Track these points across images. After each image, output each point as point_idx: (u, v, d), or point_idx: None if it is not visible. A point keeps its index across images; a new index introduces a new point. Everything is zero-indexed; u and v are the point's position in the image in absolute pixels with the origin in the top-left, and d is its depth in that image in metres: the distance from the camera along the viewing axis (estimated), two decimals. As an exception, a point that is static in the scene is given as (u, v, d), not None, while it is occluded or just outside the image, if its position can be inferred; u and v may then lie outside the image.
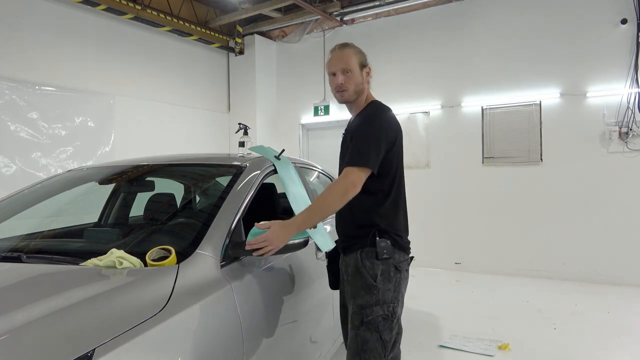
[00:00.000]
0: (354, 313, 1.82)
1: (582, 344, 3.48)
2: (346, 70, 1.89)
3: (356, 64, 1.90)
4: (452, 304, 4.55)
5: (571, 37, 5.45)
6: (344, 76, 1.89)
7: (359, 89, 1.92)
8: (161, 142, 6.26)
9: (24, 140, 4.84)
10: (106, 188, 2.71)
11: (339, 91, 1.92)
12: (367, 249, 1.83)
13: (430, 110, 6.39)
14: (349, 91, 1.91)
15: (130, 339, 1.17)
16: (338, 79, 1.90)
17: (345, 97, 1.93)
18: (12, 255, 1.71)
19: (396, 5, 6.36)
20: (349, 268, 1.89)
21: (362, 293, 1.81)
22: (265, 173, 2.22)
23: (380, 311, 1.79)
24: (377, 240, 1.82)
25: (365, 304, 1.80)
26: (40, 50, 5.03)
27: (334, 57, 1.93)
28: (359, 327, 1.80)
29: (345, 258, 1.93)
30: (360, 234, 1.86)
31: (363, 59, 1.95)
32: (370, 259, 1.82)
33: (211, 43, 7.15)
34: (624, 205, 5.20)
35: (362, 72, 1.92)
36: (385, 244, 1.82)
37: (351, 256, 1.88)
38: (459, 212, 6.18)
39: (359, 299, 1.81)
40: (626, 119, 5.17)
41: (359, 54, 1.94)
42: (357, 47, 1.97)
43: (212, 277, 1.58)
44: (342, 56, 1.91)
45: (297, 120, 7.57)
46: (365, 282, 1.81)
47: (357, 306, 1.82)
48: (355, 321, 1.81)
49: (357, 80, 1.91)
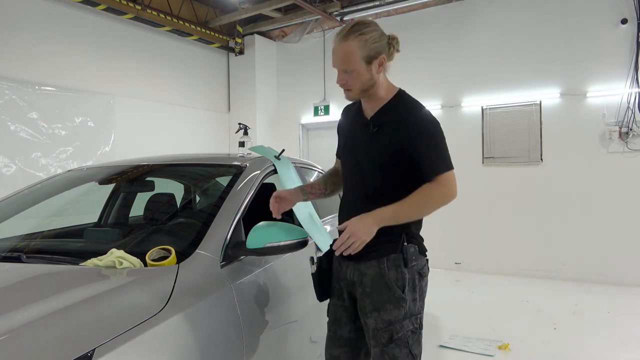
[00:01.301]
0: (380, 329, 1.61)
1: (582, 344, 3.48)
2: (347, 71, 1.59)
3: (360, 61, 1.56)
4: (452, 304, 4.54)
5: (571, 37, 5.45)
6: (345, 75, 1.60)
7: (366, 87, 1.62)
8: (161, 142, 6.26)
9: (24, 140, 4.84)
10: (106, 188, 2.71)
11: (344, 89, 1.66)
12: (394, 255, 1.62)
13: (430, 110, 6.37)
14: (353, 91, 1.63)
15: (130, 339, 1.16)
16: (339, 78, 1.62)
17: (350, 97, 1.67)
18: (12, 255, 1.71)
19: (396, 5, 6.36)
20: (365, 278, 1.65)
21: (390, 307, 1.60)
22: (265, 173, 2.22)
23: (410, 325, 1.62)
24: (405, 246, 1.62)
25: (394, 319, 1.60)
26: (40, 50, 5.03)
27: (334, 51, 1.61)
28: (386, 345, 1.60)
29: (357, 266, 1.68)
30: (386, 240, 1.61)
31: (372, 50, 1.57)
32: (397, 267, 1.61)
33: (211, 43, 7.15)
34: (624, 205, 5.19)
35: (370, 66, 1.58)
36: (413, 249, 1.64)
37: (369, 264, 1.64)
38: (459, 212, 6.16)
39: (386, 314, 1.60)
40: (626, 119, 5.17)
41: (366, 45, 1.55)
42: (366, 32, 1.56)
43: (212, 277, 1.58)
44: (341, 52, 1.58)
45: (297, 120, 7.57)
46: (393, 295, 1.60)
47: (383, 322, 1.60)
48: (382, 338, 1.61)
49: (363, 78, 1.59)
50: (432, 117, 1.68)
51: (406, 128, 1.61)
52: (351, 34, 1.56)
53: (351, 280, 1.71)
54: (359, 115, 1.74)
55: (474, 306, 4.48)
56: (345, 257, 1.67)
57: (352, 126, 1.78)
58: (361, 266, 1.67)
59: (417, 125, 1.63)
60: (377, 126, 1.65)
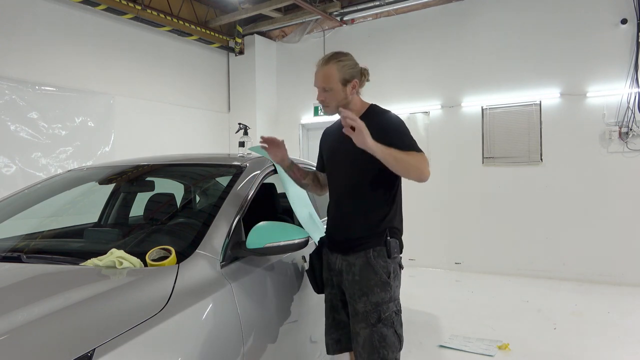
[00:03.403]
0: (368, 311, 1.84)
1: (582, 344, 3.48)
2: (326, 89, 1.92)
3: (337, 82, 1.89)
4: (452, 304, 4.55)
5: (571, 37, 5.45)
6: (325, 93, 1.93)
7: (341, 104, 1.92)
8: (161, 142, 6.26)
9: (24, 140, 4.84)
10: (106, 188, 2.71)
11: (322, 105, 1.99)
12: (379, 248, 1.87)
13: (430, 110, 6.39)
14: (330, 107, 1.95)
15: (130, 339, 1.16)
16: (319, 95, 1.95)
17: (327, 112, 1.98)
18: (12, 255, 1.71)
19: (396, 5, 6.36)
20: (353, 267, 1.89)
21: (377, 290, 1.85)
22: (265, 173, 2.22)
23: (393, 307, 1.88)
24: (389, 239, 1.88)
25: (381, 301, 1.84)
26: (40, 50, 5.03)
27: (316, 73, 1.95)
28: (375, 324, 1.83)
29: (346, 257, 1.92)
30: (371, 234, 1.89)
31: (348, 74, 1.91)
32: (382, 257, 1.87)
33: (211, 43, 7.15)
34: (624, 205, 5.19)
35: (345, 87, 1.91)
36: (395, 243, 1.90)
37: (356, 255, 1.89)
38: (459, 212, 6.18)
39: (374, 297, 1.84)
40: (626, 119, 5.17)
41: (343, 69, 1.90)
42: (343, 60, 1.93)
43: (212, 277, 1.58)
44: (322, 74, 1.92)
45: (297, 120, 7.57)
46: (380, 280, 1.85)
47: (372, 304, 1.84)
48: (371, 319, 1.84)
49: (339, 97, 1.92)
50: (399, 118, 1.98)
51: (382, 128, 1.86)
52: (331, 60, 1.91)
53: (339, 270, 1.96)
54: (340, 129, 1.91)
55: (474, 306, 4.48)
56: (334, 250, 1.99)
57: (336, 138, 2.02)
58: (349, 258, 1.92)
59: (390, 125, 1.92)
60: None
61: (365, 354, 1.84)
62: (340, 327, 2.01)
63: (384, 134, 1.81)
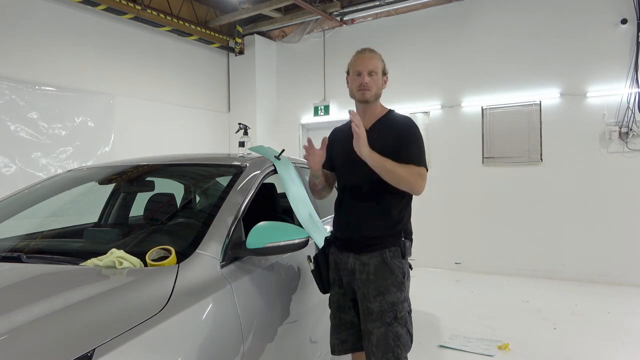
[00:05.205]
0: (384, 310, 1.86)
1: (582, 344, 3.48)
2: (372, 72, 1.98)
3: (380, 70, 2.02)
4: (452, 304, 4.55)
5: (571, 37, 5.45)
6: (370, 77, 1.98)
7: (378, 93, 2.03)
8: (161, 142, 6.26)
9: (24, 140, 4.84)
10: (106, 188, 2.71)
11: (361, 89, 1.99)
12: (394, 248, 1.92)
13: (430, 110, 6.39)
14: (371, 91, 1.99)
15: (130, 339, 1.17)
16: (364, 78, 1.97)
17: (366, 97, 2.00)
18: (12, 255, 1.71)
19: (396, 5, 6.36)
20: (367, 267, 1.91)
21: (394, 290, 1.88)
22: (265, 173, 2.22)
23: (407, 307, 1.93)
24: (402, 240, 1.94)
25: (397, 300, 1.88)
26: (40, 50, 5.03)
27: (364, 57, 2.01)
28: (391, 324, 1.85)
29: (359, 257, 1.93)
30: (388, 234, 1.93)
31: (385, 67, 2.06)
32: (397, 258, 1.91)
33: (211, 43, 7.15)
34: (624, 205, 5.20)
35: (383, 77, 2.05)
36: (409, 244, 1.97)
37: (371, 255, 1.91)
38: (459, 212, 6.18)
39: (390, 296, 1.87)
40: (626, 119, 5.17)
41: (383, 62, 2.05)
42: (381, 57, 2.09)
43: (212, 277, 1.58)
44: (371, 58, 2.00)
45: (297, 120, 7.57)
46: (396, 279, 1.89)
47: (388, 303, 1.86)
48: (386, 318, 1.86)
49: (379, 84, 2.02)
50: (414, 129, 2.01)
51: (396, 135, 1.95)
52: (375, 51, 2.05)
53: (351, 269, 1.96)
54: None
55: (474, 306, 4.48)
56: (344, 249, 1.99)
57: (350, 138, 1.94)
58: (363, 257, 1.93)
59: (402, 133, 1.97)
60: (376, 133, 1.98)
61: (380, 353, 1.85)
62: (346, 327, 2.02)
63: (395, 141, 1.91)
